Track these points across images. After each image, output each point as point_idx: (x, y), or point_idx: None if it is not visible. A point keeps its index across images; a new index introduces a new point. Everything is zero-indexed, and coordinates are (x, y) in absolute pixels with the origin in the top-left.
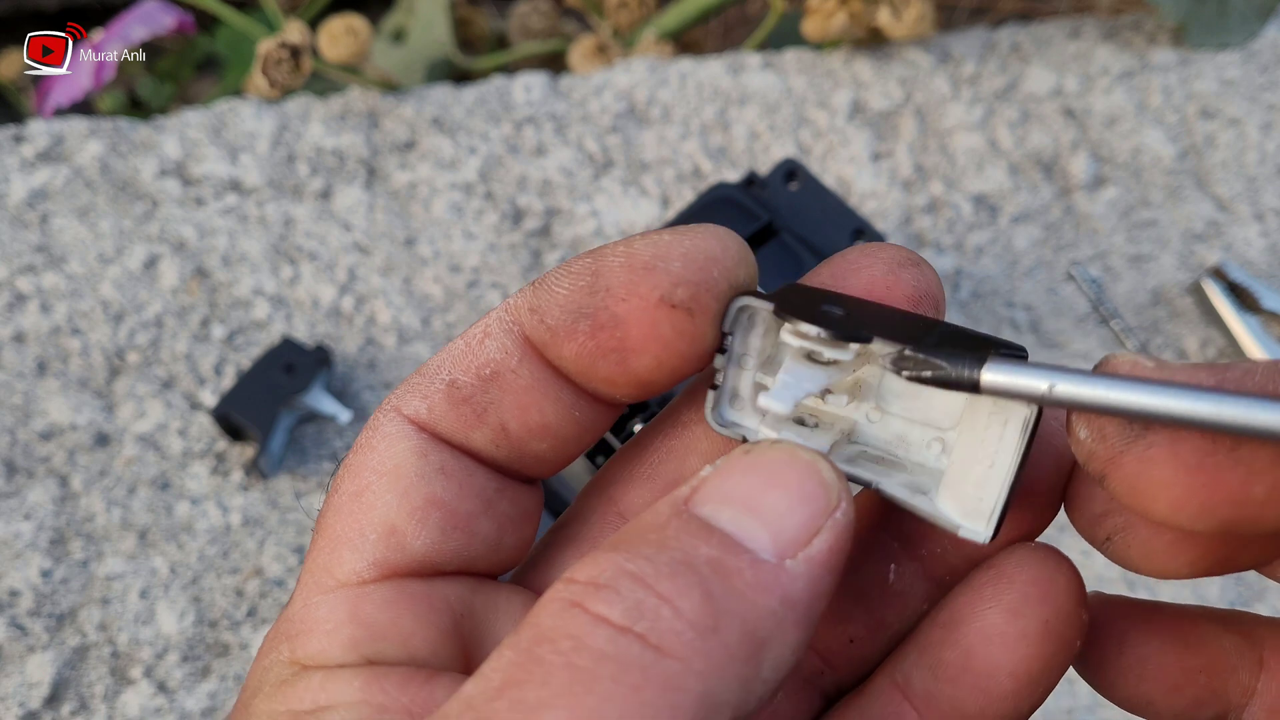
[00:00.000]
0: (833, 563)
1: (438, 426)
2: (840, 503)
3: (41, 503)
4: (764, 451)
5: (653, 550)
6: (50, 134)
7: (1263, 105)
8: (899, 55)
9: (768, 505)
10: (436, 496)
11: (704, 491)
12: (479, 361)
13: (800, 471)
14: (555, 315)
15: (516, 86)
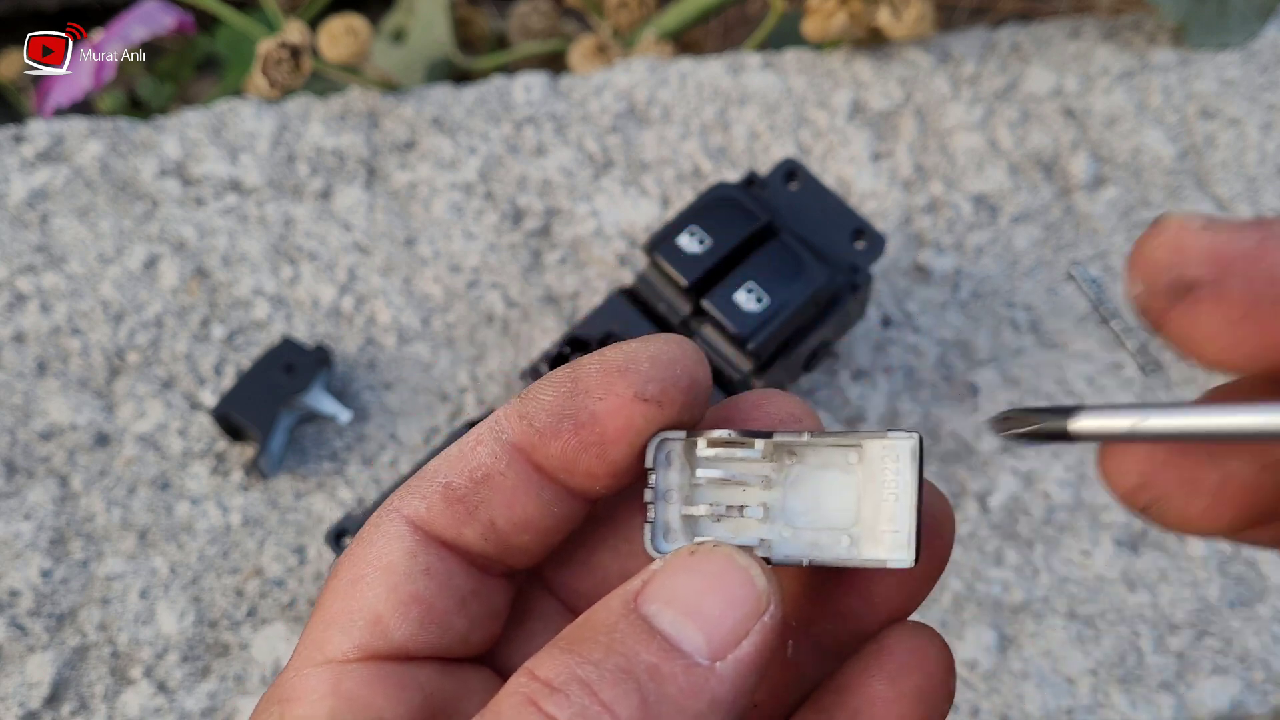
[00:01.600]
0: (759, 661)
1: (433, 524)
2: (769, 605)
3: (41, 503)
4: (705, 555)
5: (600, 655)
6: (50, 134)
7: (1263, 105)
8: (899, 55)
9: (704, 609)
10: (419, 594)
11: (651, 590)
12: (471, 465)
13: (735, 577)
14: (542, 419)
15: (516, 86)
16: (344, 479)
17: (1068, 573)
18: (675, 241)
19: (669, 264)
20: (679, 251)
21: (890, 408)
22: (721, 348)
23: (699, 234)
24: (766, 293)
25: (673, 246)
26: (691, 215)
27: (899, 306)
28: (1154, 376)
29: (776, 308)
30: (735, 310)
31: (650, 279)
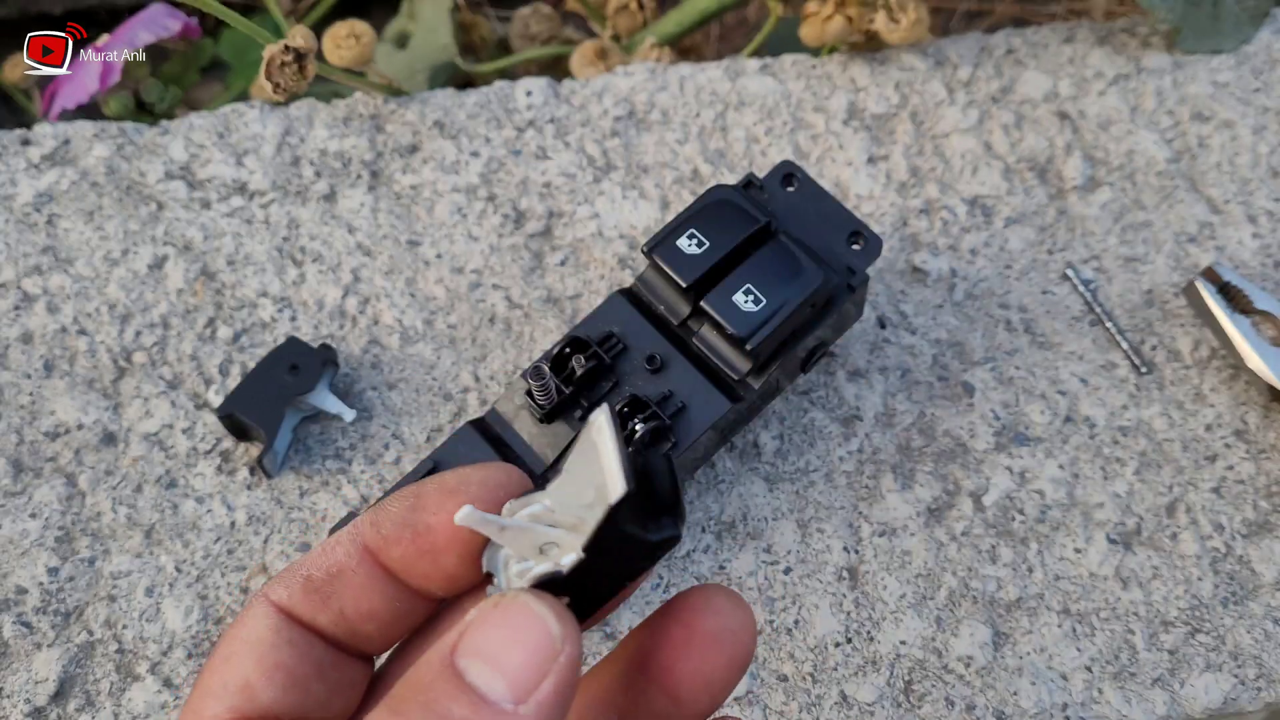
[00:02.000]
0: (558, 699)
1: (294, 608)
2: (565, 648)
3: (48, 501)
4: (505, 607)
5: (418, 713)
6: (56, 137)
7: (1255, 108)
8: (895, 60)
9: (506, 659)
10: (282, 662)
11: (462, 644)
12: (328, 562)
13: (532, 625)
14: (387, 527)
15: (518, 91)
16: (348, 477)
17: (1061, 570)
18: (674, 243)
19: (668, 265)
20: (678, 253)
21: (886, 407)
22: (720, 348)
23: (698, 236)
24: (764, 294)
25: (672, 248)
26: (690, 218)
27: (895, 308)
28: (1147, 376)
29: (774, 308)
30: (734, 311)
31: (650, 280)
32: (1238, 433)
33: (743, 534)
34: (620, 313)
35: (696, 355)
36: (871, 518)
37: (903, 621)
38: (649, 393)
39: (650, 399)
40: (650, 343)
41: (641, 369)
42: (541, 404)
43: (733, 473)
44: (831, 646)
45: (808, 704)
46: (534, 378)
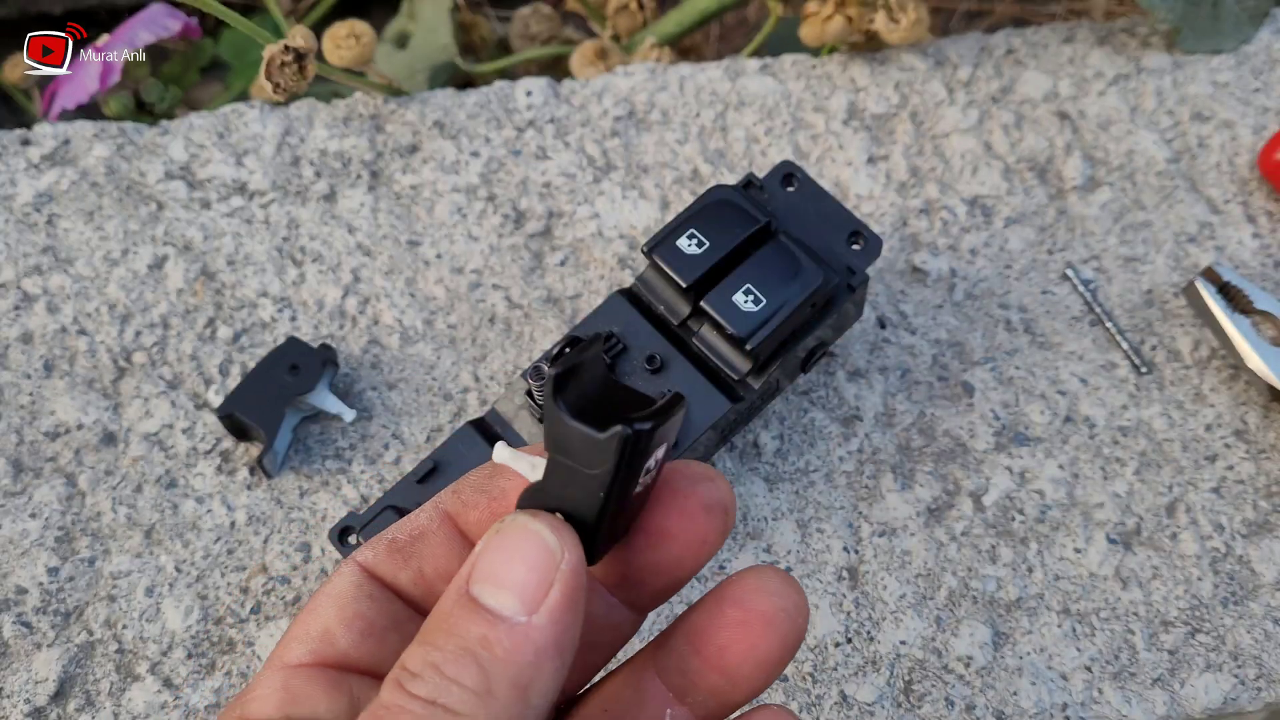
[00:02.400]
0: (568, 604)
1: (377, 568)
2: (565, 556)
3: (48, 501)
4: (504, 530)
5: (443, 639)
6: (56, 137)
7: (1255, 108)
8: (895, 60)
9: (511, 576)
10: (361, 612)
11: (474, 573)
12: (412, 526)
13: (530, 541)
14: (467, 493)
15: (518, 91)
16: (348, 477)
17: (1061, 570)
18: (674, 243)
19: (668, 265)
20: (678, 253)
21: (886, 407)
22: (720, 348)
23: (698, 236)
24: (764, 294)
25: (672, 248)
26: (690, 218)
27: (895, 308)
28: (1147, 376)
29: (774, 308)
30: (734, 311)
31: (649, 280)
32: (1238, 433)
33: (743, 534)
34: (620, 313)
35: (696, 355)
36: (871, 518)
37: (903, 621)
38: (649, 393)
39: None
40: (650, 343)
41: (641, 369)
42: (541, 404)
43: (733, 473)
44: (831, 646)
45: (808, 704)
46: (533, 378)
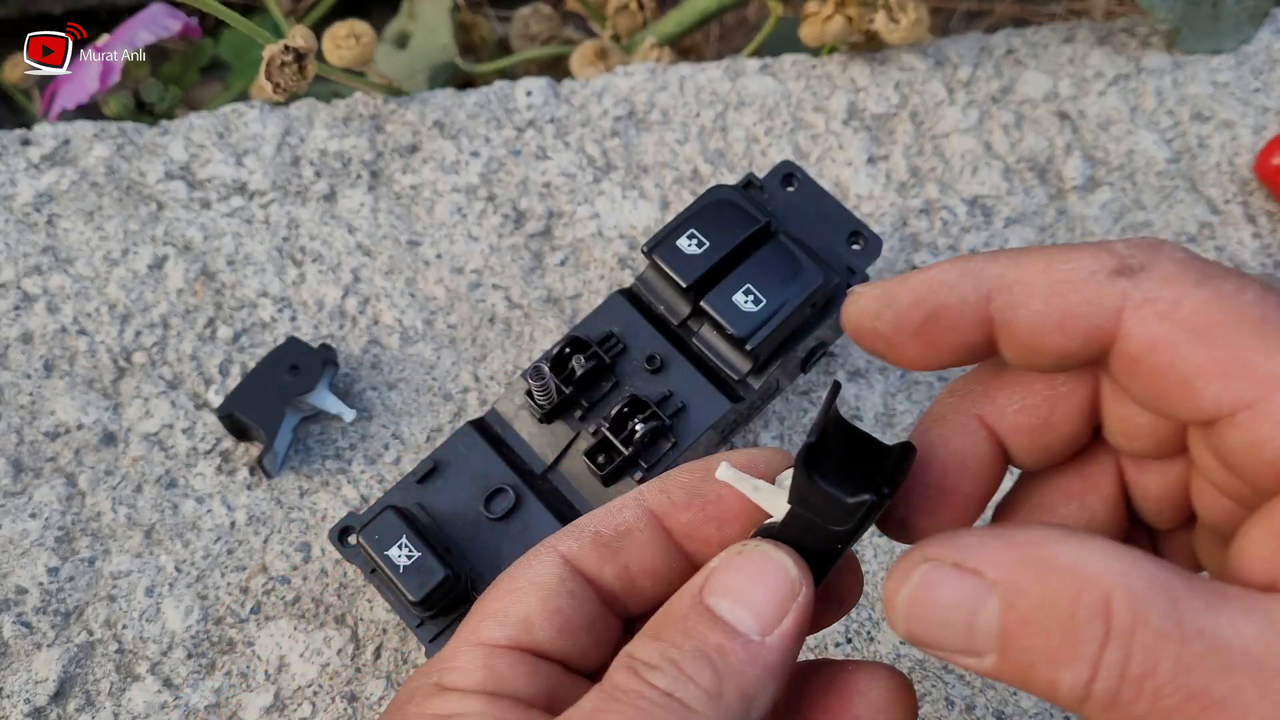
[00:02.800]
0: (798, 633)
1: (581, 560)
2: (801, 589)
3: (48, 501)
4: (749, 554)
5: (680, 639)
6: (56, 137)
7: (1255, 108)
8: (895, 60)
9: (753, 598)
10: (562, 608)
11: (710, 585)
12: (617, 521)
13: (774, 570)
14: (678, 494)
15: (518, 91)
16: (348, 477)
17: None
18: (674, 243)
19: (668, 265)
20: (678, 253)
21: (886, 407)
22: (720, 348)
23: (697, 236)
24: (764, 294)
25: (672, 248)
26: (690, 218)
27: None
28: None
29: (774, 309)
30: (734, 311)
31: (649, 280)
32: None
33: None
34: (620, 313)
35: (696, 355)
36: None
37: None
38: (649, 393)
39: (650, 399)
40: (650, 343)
41: (641, 369)
42: (541, 404)
43: None
44: (831, 646)
45: None
46: (534, 378)
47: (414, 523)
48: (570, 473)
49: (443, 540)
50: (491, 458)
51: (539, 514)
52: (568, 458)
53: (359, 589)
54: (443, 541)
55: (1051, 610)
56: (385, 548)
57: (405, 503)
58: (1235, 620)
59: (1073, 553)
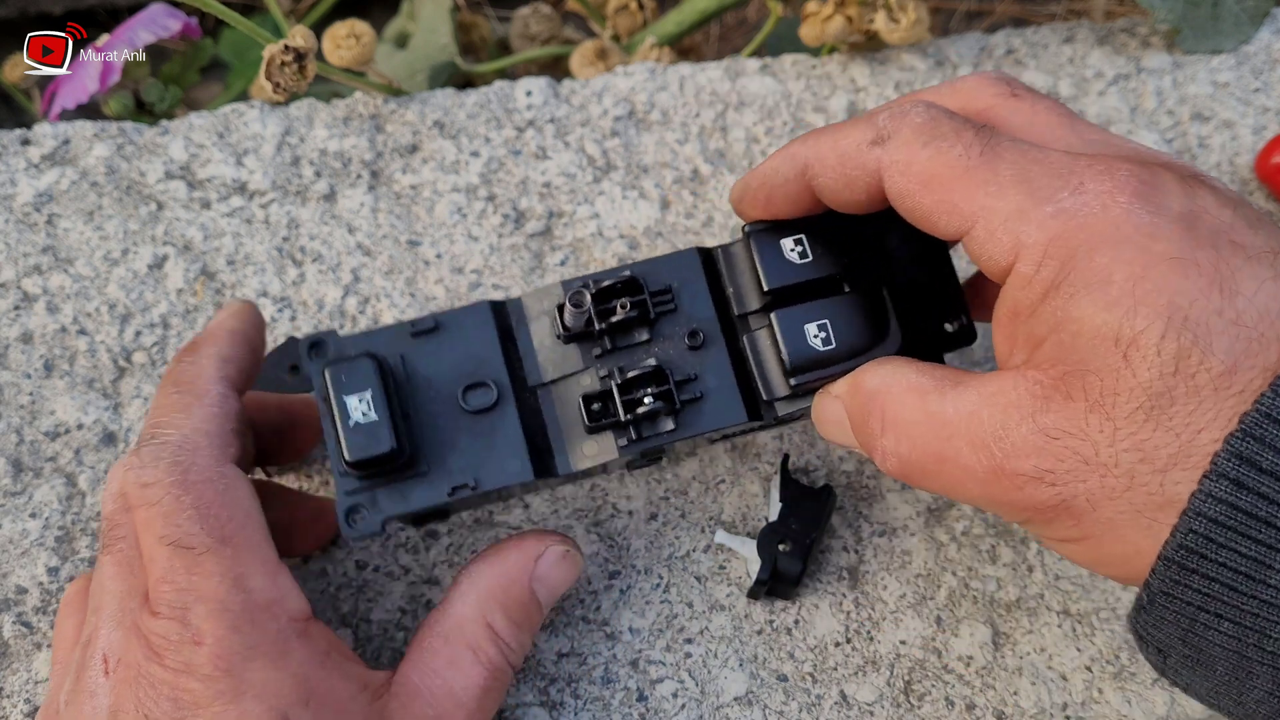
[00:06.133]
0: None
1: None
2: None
3: (48, 501)
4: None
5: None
6: (56, 137)
7: (1256, 108)
8: (895, 60)
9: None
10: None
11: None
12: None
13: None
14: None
15: (518, 91)
16: None
17: (1061, 570)
18: (778, 240)
19: (760, 259)
20: (776, 251)
21: None
22: (766, 362)
23: (804, 245)
24: (837, 337)
25: (773, 244)
26: (808, 222)
27: None
28: None
29: (840, 355)
30: (799, 340)
31: (735, 256)
32: None
33: (743, 533)
34: (687, 270)
35: (739, 354)
36: (871, 517)
37: (903, 621)
38: (675, 366)
39: (673, 374)
40: (702, 315)
41: (680, 340)
42: (567, 326)
43: (733, 472)
44: (831, 646)
45: (808, 704)
46: (573, 302)
47: (387, 379)
48: (559, 399)
49: (404, 403)
50: (493, 346)
51: (510, 426)
52: (565, 384)
53: (359, 588)
54: (404, 405)
55: (857, 415)
56: (346, 393)
57: (390, 351)
58: (958, 400)
59: (869, 376)
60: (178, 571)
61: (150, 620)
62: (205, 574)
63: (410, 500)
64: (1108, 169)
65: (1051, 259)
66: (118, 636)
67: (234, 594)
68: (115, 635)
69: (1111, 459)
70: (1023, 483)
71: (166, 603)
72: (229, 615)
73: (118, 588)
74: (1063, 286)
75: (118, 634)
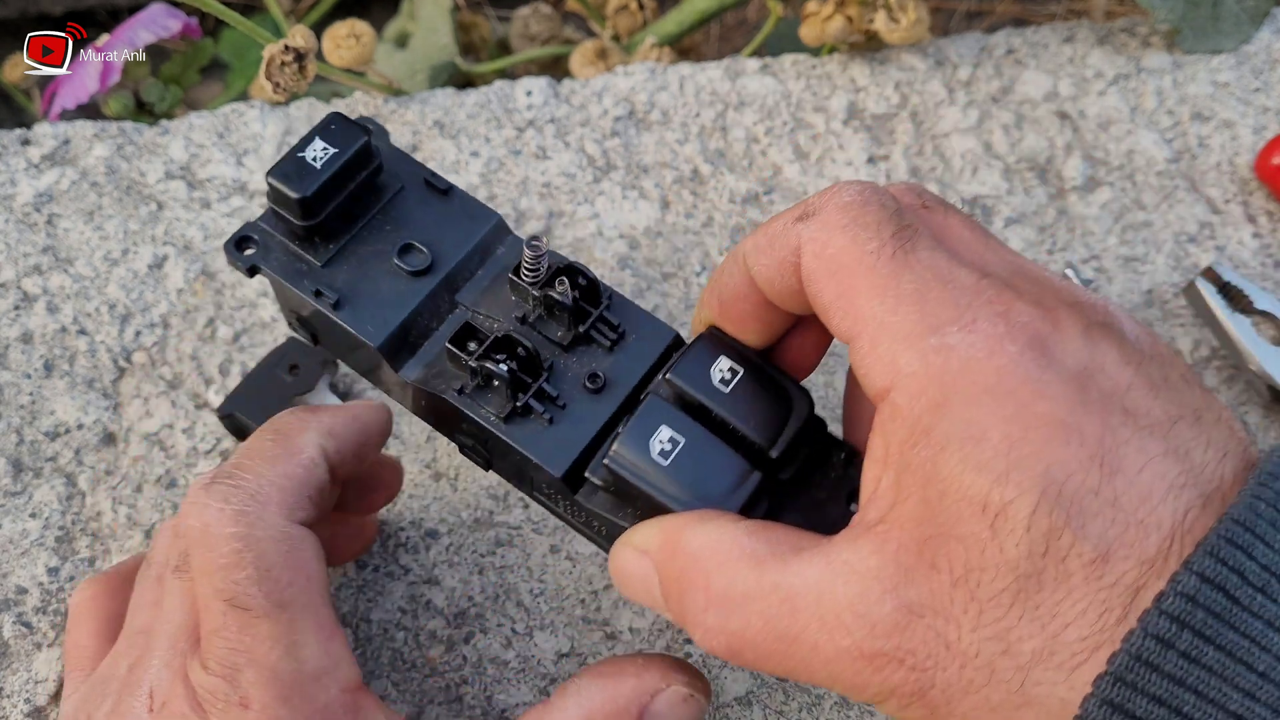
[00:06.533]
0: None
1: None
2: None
3: (48, 501)
4: None
5: None
6: (56, 137)
7: (1255, 108)
8: (895, 60)
9: None
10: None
11: None
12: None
13: None
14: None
15: (518, 91)
16: None
17: None
18: (718, 354)
19: (683, 358)
20: (704, 362)
21: None
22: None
23: (737, 379)
24: (677, 466)
25: (709, 354)
26: (768, 375)
27: None
28: None
29: (661, 483)
30: (639, 436)
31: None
32: None
33: None
34: (651, 337)
35: (613, 425)
36: None
37: None
38: (558, 380)
39: (548, 381)
40: (621, 372)
41: (584, 371)
42: (516, 272)
43: None
44: None
45: (807, 704)
46: (530, 248)
47: (360, 159)
48: (455, 323)
49: (360, 197)
50: (464, 244)
51: (406, 299)
52: (473, 316)
53: (360, 588)
54: (358, 197)
55: (673, 581)
56: (320, 133)
57: (396, 166)
58: (803, 569)
59: (690, 536)
60: (230, 629)
61: (200, 673)
62: (259, 638)
63: (286, 270)
64: (1006, 309)
65: (925, 398)
66: (166, 677)
67: (286, 662)
68: (164, 676)
69: (973, 647)
70: (882, 664)
71: (217, 658)
72: (279, 684)
73: (179, 619)
74: (934, 434)
75: (166, 675)
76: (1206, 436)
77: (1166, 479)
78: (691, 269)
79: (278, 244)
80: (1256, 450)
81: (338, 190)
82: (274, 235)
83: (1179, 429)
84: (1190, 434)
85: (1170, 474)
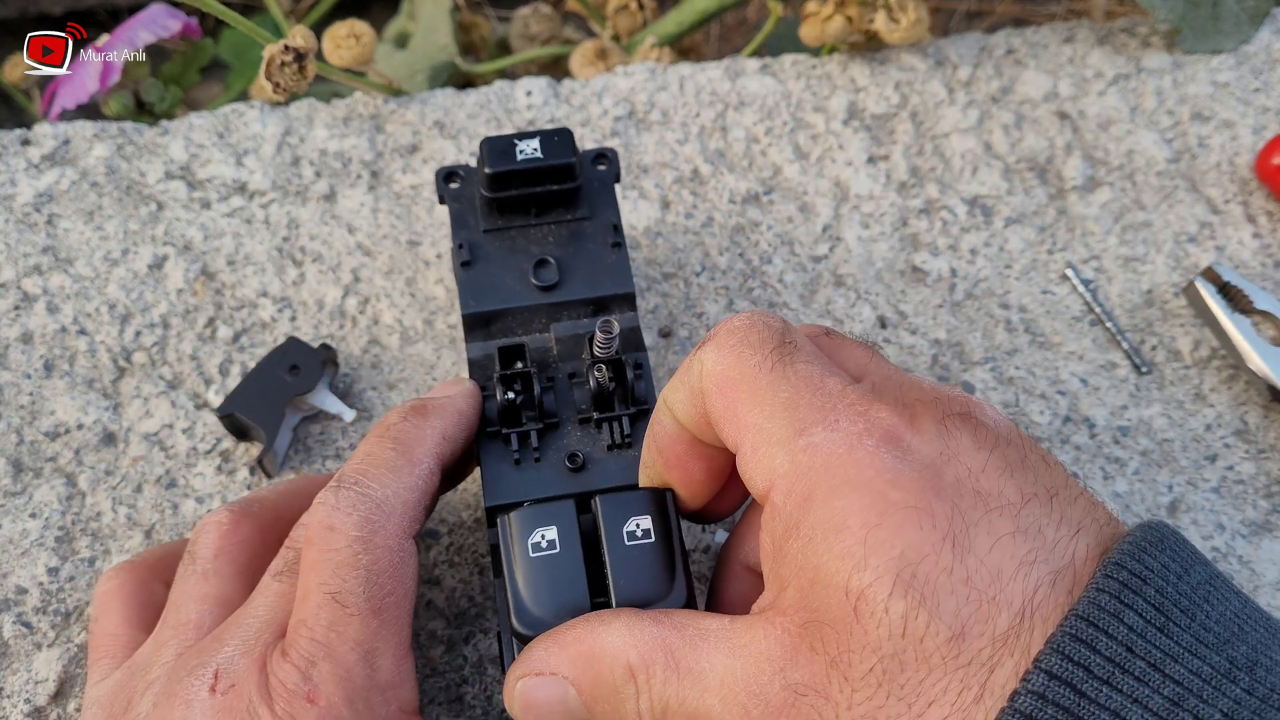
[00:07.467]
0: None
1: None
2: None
3: (48, 501)
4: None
5: None
6: (56, 137)
7: (1255, 108)
8: (895, 60)
9: None
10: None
11: None
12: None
13: None
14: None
15: (518, 91)
16: None
17: None
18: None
19: (611, 514)
20: (620, 518)
21: None
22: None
23: (648, 532)
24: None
25: (626, 506)
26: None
27: (895, 308)
28: (1147, 376)
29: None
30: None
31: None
32: (1238, 433)
33: None
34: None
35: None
36: None
37: None
38: (560, 440)
39: (537, 414)
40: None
41: (568, 451)
42: (595, 353)
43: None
44: None
45: None
46: (602, 330)
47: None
48: (555, 337)
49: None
50: (598, 278)
51: (524, 309)
52: (561, 342)
53: None
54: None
55: (601, 685)
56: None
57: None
58: (710, 653)
59: (602, 638)
60: (320, 623)
61: (279, 661)
62: (344, 636)
63: (458, 214)
64: (866, 409)
65: (795, 494)
66: (242, 664)
67: (361, 666)
68: (239, 660)
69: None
70: None
71: (298, 649)
72: (349, 685)
73: (266, 615)
74: (802, 527)
75: (242, 660)
76: (1060, 514)
77: (1016, 557)
78: (691, 269)
79: (472, 192)
80: (1121, 526)
81: (523, 184)
82: (473, 185)
83: (1031, 508)
84: (1041, 512)
85: (1020, 551)
